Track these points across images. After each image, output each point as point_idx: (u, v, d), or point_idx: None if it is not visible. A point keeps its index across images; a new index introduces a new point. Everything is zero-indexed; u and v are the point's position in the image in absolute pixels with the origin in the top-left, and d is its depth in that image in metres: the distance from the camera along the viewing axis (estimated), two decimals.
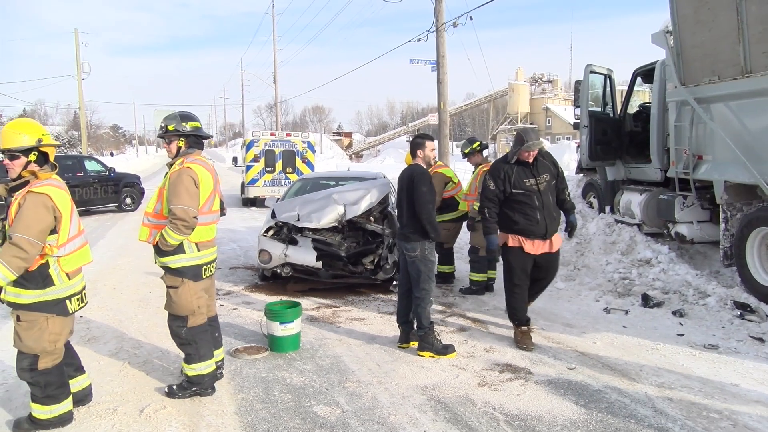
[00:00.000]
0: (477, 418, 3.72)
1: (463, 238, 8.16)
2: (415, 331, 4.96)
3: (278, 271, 7.08)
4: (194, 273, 3.97)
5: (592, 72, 8.91)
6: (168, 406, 3.89)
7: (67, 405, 3.56)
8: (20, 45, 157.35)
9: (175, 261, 3.91)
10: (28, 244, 3.23)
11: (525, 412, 3.81)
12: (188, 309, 3.94)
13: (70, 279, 3.51)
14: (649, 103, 8.42)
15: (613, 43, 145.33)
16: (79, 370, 3.87)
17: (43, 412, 3.48)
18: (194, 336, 3.97)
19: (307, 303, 6.46)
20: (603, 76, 9.08)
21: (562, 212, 5.27)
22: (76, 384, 3.77)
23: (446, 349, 4.83)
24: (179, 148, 4.01)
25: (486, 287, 7.00)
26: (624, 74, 11.61)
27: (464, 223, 7.24)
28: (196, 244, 3.96)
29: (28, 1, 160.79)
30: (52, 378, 3.48)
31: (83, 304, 3.65)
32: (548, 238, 5.02)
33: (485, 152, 7.37)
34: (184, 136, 3.99)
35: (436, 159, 5.77)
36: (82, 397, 3.85)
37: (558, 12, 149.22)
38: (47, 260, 3.39)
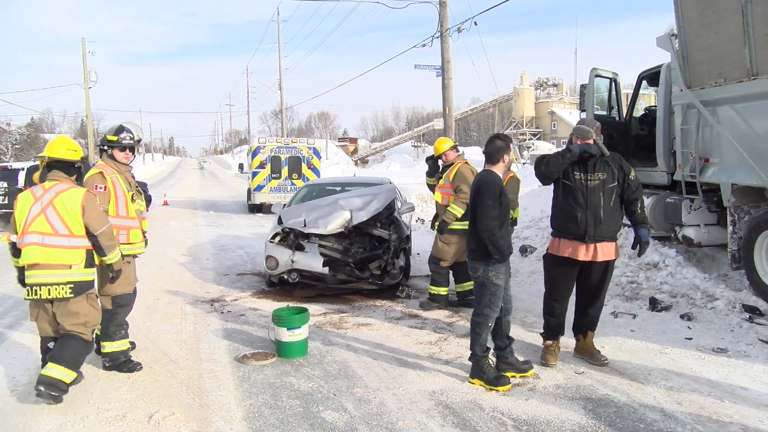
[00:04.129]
0: (485, 423, 3.72)
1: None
2: (469, 356, 4.47)
3: (285, 277, 7.10)
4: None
5: (597, 76, 8.89)
6: (176, 412, 3.91)
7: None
8: (29, 54, 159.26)
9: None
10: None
11: (533, 417, 3.80)
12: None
13: None
14: (655, 106, 8.39)
15: (618, 47, 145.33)
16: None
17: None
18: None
19: (315, 309, 6.46)
20: (608, 80, 9.05)
21: (632, 226, 4.80)
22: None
23: (498, 380, 4.29)
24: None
25: None
26: (629, 78, 11.54)
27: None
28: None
29: (36, 12, 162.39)
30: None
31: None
32: (590, 242, 4.59)
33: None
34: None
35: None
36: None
37: (562, 16, 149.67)
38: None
